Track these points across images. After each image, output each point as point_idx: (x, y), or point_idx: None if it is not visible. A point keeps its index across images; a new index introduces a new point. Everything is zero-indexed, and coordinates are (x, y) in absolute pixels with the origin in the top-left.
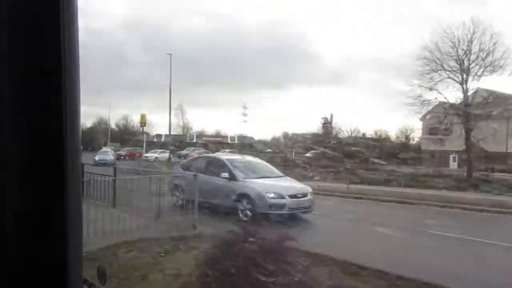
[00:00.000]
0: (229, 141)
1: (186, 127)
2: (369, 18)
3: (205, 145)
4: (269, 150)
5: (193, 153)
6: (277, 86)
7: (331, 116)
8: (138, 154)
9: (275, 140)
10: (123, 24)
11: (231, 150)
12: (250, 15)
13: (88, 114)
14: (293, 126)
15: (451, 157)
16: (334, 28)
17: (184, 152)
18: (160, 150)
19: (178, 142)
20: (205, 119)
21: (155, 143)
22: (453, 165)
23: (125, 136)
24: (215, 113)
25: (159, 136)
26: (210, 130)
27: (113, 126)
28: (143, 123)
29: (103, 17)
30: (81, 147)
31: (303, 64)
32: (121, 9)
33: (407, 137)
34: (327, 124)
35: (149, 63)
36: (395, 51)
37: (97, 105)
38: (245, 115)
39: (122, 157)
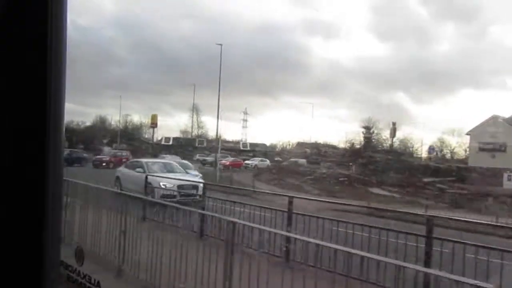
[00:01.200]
0: (241, 148)
1: (200, 130)
2: None
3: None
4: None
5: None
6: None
7: (394, 126)
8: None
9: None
10: (113, 23)
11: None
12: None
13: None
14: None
15: (505, 175)
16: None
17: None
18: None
19: (191, 147)
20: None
21: (166, 147)
22: (509, 184)
23: (131, 137)
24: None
25: (167, 139)
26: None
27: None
28: (154, 123)
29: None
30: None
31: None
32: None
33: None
34: (368, 135)
35: (137, 64)
36: None
37: (89, 105)
38: (245, 120)
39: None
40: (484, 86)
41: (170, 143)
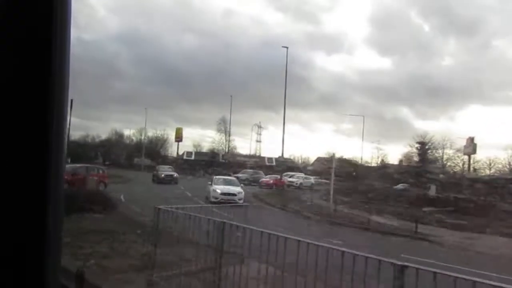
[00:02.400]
0: (266, 163)
1: (226, 144)
2: None
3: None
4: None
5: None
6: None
7: (472, 141)
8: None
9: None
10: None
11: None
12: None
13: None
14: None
15: None
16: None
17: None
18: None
19: (215, 162)
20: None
21: (190, 162)
22: None
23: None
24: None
25: (189, 154)
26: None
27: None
28: (179, 137)
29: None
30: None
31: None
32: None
33: None
34: (422, 151)
35: (141, 78)
36: None
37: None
38: (259, 134)
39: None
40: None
41: (192, 157)
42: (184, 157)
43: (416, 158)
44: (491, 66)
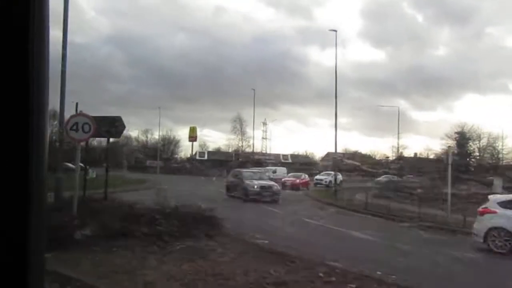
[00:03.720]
0: (282, 160)
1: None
2: None
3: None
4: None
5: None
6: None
7: None
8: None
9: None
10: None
11: None
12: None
13: None
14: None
15: None
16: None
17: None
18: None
19: (229, 162)
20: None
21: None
22: None
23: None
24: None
25: (202, 154)
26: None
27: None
28: (193, 137)
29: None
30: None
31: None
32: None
33: None
34: (463, 142)
35: (135, 79)
36: None
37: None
38: (265, 131)
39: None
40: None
41: (205, 157)
42: (197, 157)
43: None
44: (486, 55)
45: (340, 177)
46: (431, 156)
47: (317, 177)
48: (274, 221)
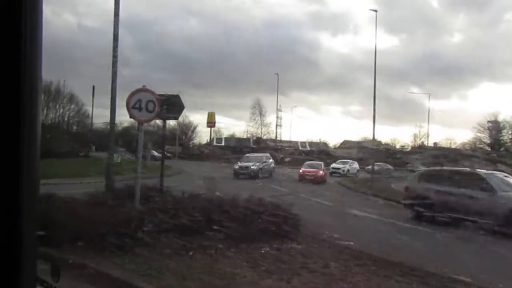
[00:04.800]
0: (300, 148)
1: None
2: None
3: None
4: None
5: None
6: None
7: None
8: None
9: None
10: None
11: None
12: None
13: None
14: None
15: None
16: None
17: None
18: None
19: (247, 148)
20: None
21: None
22: None
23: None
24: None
25: (219, 140)
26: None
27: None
28: (211, 123)
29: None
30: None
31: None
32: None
33: None
34: (496, 129)
35: (146, 64)
36: None
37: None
38: (280, 118)
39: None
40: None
41: (222, 143)
42: (214, 143)
43: (486, 140)
44: (503, 42)
45: (356, 166)
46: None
47: (334, 165)
48: (331, 215)
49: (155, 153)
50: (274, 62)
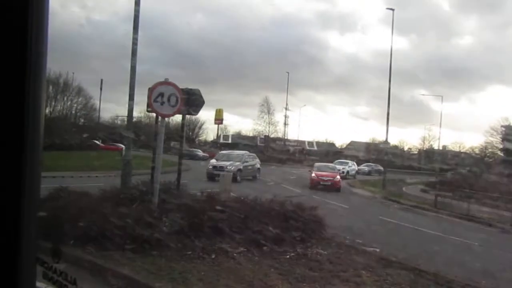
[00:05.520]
0: (307, 147)
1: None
2: None
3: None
4: None
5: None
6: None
7: None
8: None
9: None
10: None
11: None
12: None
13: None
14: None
15: None
16: None
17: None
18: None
19: (255, 146)
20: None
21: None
22: None
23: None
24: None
25: (226, 137)
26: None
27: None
28: (219, 120)
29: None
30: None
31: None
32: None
33: None
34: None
35: (152, 59)
36: None
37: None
38: (287, 117)
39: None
40: None
41: (229, 141)
42: (221, 140)
43: (499, 144)
44: None
45: (355, 167)
46: (463, 150)
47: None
48: (352, 219)
49: (199, 152)
50: (281, 60)
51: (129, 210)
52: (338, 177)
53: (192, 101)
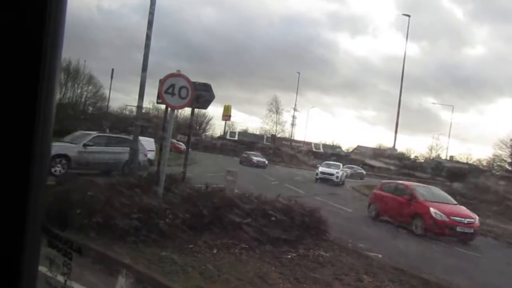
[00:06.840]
0: (313, 149)
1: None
2: None
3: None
4: None
5: None
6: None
7: None
8: None
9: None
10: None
11: None
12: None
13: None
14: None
15: None
16: None
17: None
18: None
19: (261, 144)
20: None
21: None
22: None
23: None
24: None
25: (232, 134)
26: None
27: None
28: (227, 116)
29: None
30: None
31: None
32: None
33: None
34: None
35: (161, 51)
36: None
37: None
38: (295, 117)
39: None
40: None
41: (236, 138)
42: (227, 136)
43: (507, 158)
44: None
45: (346, 170)
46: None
47: (322, 169)
48: (350, 221)
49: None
50: (290, 59)
51: (132, 200)
52: None
53: (203, 95)
